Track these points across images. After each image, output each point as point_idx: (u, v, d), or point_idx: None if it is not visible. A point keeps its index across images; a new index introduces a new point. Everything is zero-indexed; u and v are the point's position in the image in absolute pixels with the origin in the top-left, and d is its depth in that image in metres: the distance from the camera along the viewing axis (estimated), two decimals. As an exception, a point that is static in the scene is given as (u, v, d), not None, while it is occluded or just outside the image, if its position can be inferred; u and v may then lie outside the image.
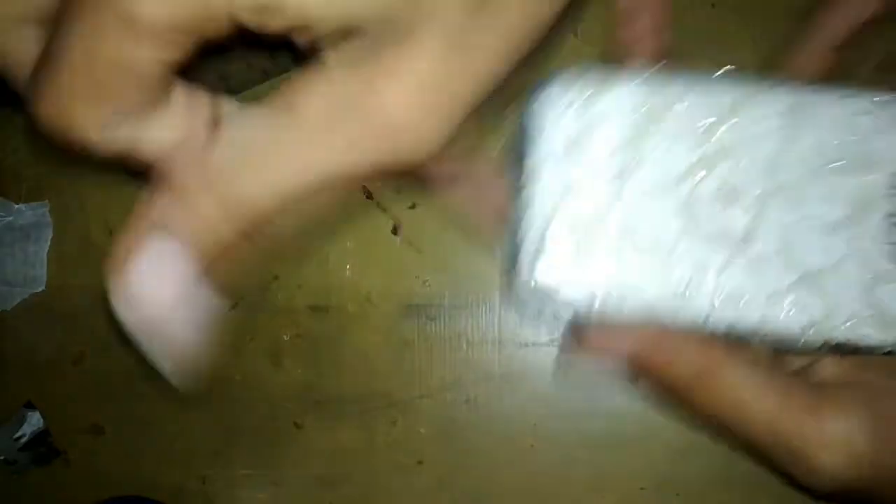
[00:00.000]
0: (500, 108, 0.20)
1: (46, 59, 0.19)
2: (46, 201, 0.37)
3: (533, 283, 0.23)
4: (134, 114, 0.19)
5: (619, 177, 0.23)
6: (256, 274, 0.30)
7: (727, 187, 0.23)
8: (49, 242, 0.37)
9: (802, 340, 0.22)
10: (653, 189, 0.23)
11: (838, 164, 0.22)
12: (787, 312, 0.22)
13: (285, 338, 0.35)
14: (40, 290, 0.37)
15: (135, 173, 0.20)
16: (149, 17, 0.17)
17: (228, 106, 0.22)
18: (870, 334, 0.22)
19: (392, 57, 0.18)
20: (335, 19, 0.18)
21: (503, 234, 0.24)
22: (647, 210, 0.23)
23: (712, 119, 0.23)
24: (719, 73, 0.24)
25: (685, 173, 0.23)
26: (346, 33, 0.18)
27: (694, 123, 0.23)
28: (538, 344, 0.34)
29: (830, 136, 0.23)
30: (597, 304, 0.22)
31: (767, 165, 0.23)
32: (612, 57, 0.27)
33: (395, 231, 0.34)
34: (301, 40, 0.20)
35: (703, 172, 0.23)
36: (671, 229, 0.23)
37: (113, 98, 0.19)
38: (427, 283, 0.34)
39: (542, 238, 0.23)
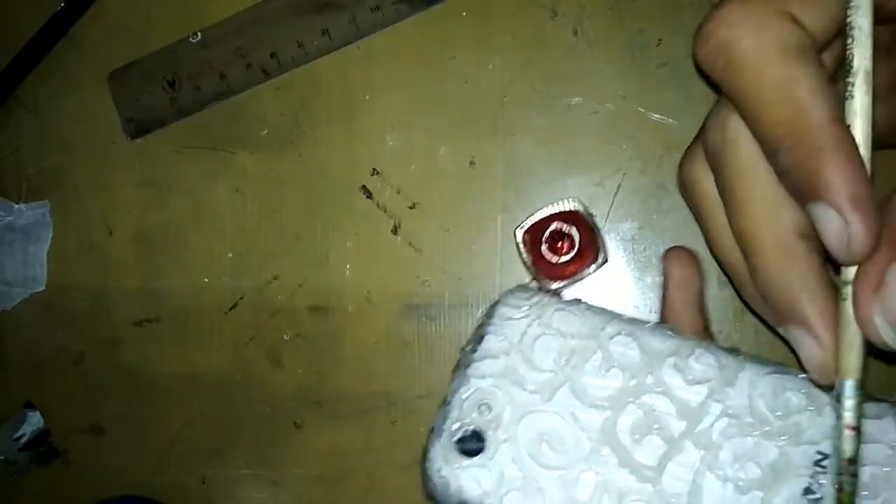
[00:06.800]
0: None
1: None
2: (46, 201, 0.37)
3: (438, 470, 0.24)
4: None
5: (547, 390, 0.24)
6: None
7: (649, 419, 0.23)
8: (49, 242, 0.37)
9: None
10: (576, 409, 0.24)
11: (761, 429, 0.23)
12: None
13: (285, 338, 0.35)
14: (40, 290, 0.37)
15: None
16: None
17: None
18: None
19: None
20: None
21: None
22: (565, 427, 0.23)
23: (644, 359, 0.24)
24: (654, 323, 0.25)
25: (610, 399, 0.24)
26: None
27: (626, 358, 0.24)
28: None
29: (759, 402, 0.23)
30: None
31: (692, 409, 0.23)
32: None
33: (395, 231, 0.34)
34: None
35: (629, 400, 0.23)
36: (584, 449, 0.23)
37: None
38: (427, 283, 0.34)
39: (458, 428, 0.24)
